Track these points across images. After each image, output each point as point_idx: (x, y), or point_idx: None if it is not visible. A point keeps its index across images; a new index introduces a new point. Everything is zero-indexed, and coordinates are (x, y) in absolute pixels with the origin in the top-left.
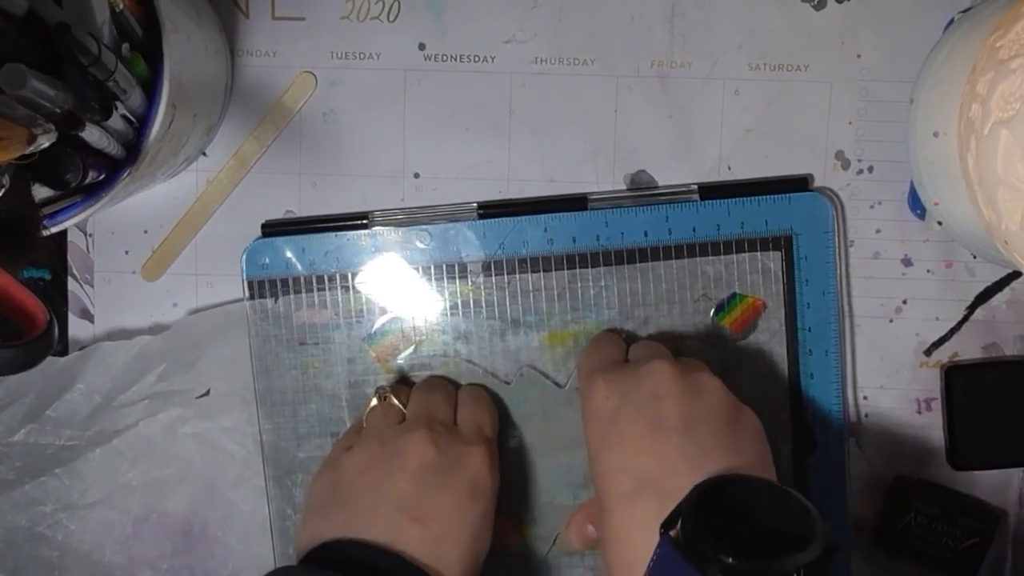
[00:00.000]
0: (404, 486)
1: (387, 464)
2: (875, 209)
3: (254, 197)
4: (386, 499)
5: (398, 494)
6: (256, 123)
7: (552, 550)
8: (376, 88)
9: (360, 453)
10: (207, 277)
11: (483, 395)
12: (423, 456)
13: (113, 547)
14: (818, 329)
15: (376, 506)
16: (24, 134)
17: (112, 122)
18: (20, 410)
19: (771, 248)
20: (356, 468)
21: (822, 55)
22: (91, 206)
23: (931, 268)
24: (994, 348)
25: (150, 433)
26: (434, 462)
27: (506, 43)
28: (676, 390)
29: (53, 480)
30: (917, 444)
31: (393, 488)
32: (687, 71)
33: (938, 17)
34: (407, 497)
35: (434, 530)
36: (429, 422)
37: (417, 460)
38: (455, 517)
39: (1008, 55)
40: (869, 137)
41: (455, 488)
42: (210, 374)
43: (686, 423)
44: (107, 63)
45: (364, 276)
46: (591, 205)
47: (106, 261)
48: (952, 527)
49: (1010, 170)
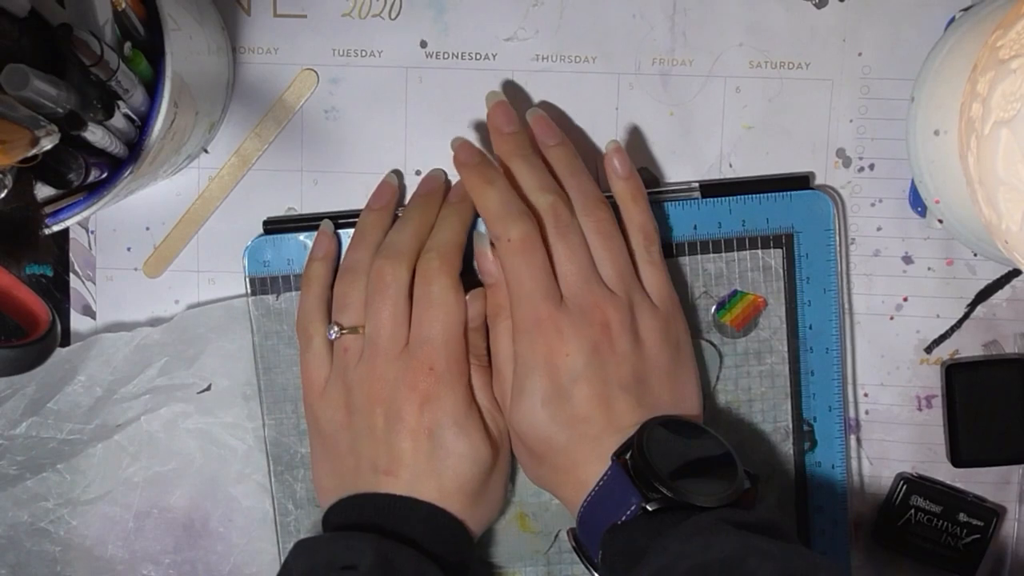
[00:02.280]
0: (371, 445)
1: (353, 424)
2: (876, 207)
3: (256, 194)
4: (362, 459)
5: (369, 453)
6: (258, 120)
7: (552, 548)
8: (378, 85)
9: (329, 407)
10: (209, 274)
11: (432, 294)
12: (379, 406)
13: (115, 542)
14: (819, 326)
15: (357, 467)
16: (27, 137)
17: (114, 121)
18: (22, 402)
19: (772, 246)
20: (332, 425)
21: (823, 53)
22: (93, 204)
23: (932, 266)
24: (994, 346)
25: (151, 428)
26: (388, 409)
27: (507, 41)
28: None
29: (55, 475)
30: (917, 441)
31: (363, 448)
32: (688, 68)
33: (939, 15)
34: (376, 454)
35: (405, 476)
36: (376, 358)
37: (376, 413)
38: (419, 459)
39: (1008, 55)
40: (870, 135)
41: (411, 429)
42: (211, 369)
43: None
44: (109, 63)
45: None
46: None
47: (108, 258)
48: (952, 524)
49: (1010, 170)
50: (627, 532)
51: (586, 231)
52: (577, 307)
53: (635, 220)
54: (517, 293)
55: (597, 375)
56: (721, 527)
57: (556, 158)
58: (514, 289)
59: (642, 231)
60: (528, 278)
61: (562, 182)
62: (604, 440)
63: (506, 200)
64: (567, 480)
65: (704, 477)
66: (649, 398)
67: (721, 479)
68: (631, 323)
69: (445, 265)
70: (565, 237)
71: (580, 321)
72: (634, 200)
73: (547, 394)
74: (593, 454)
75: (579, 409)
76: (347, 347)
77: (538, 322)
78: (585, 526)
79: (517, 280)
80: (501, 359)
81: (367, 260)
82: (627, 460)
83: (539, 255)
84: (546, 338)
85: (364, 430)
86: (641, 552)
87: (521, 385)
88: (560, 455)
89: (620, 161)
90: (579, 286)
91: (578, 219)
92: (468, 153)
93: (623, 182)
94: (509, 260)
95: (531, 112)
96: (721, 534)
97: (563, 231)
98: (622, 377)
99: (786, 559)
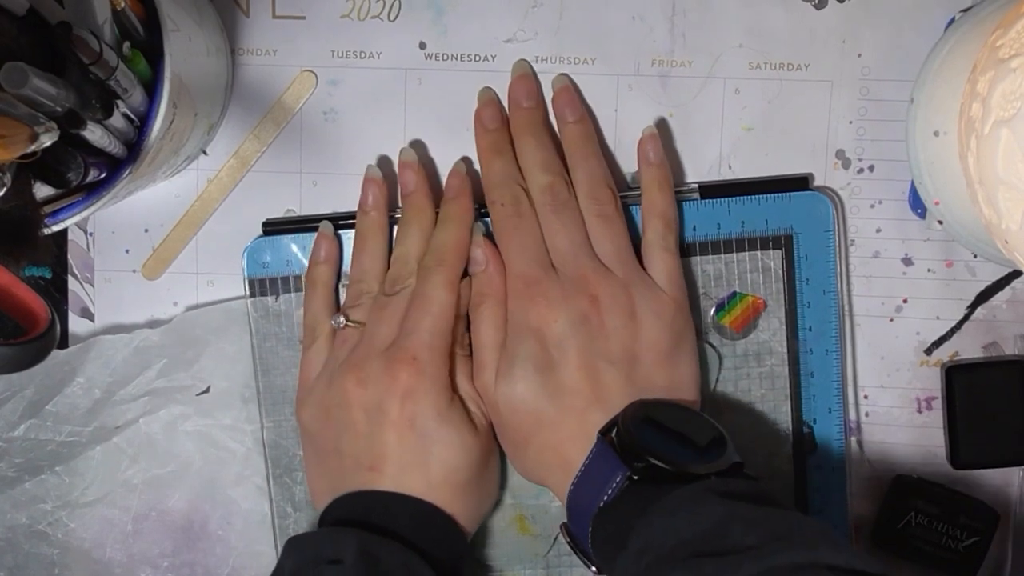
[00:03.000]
0: (353, 442)
1: (336, 421)
2: (875, 208)
3: (255, 196)
4: (346, 457)
5: (352, 451)
6: (257, 122)
7: (552, 550)
8: (377, 87)
9: (312, 404)
10: (208, 276)
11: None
12: (358, 401)
13: (113, 545)
14: (818, 328)
15: (342, 465)
16: (26, 133)
17: (113, 121)
18: (20, 404)
19: (771, 247)
20: (315, 423)
21: (823, 54)
22: (92, 205)
23: (931, 267)
24: (994, 347)
25: (150, 430)
26: (368, 403)
27: (507, 42)
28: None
29: (53, 478)
30: (917, 443)
31: (346, 446)
32: (688, 70)
33: (939, 16)
34: (359, 451)
35: (390, 472)
36: (364, 352)
37: (356, 408)
38: (403, 453)
39: (1008, 54)
40: (870, 136)
41: (393, 421)
42: (210, 371)
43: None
44: (108, 61)
45: None
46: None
47: (106, 260)
48: (952, 526)
49: (1010, 169)
50: (614, 512)
51: (586, 213)
52: (567, 277)
53: (657, 207)
54: (508, 258)
55: (585, 346)
56: (706, 497)
57: (571, 136)
58: (506, 255)
59: (662, 218)
60: (518, 243)
61: (571, 162)
62: (590, 415)
63: (509, 172)
64: (554, 462)
65: (693, 451)
66: (640, 378)
67: (709, 453)
68: (626, 301)
69: (442, 265)
70: (558, 213)
71: (570, 290)
72: (660, 188)
73: (537, 361)
74: (580, 430)
75: (565, 379)
76: (345, 339)
77: (528, 285)
78: (574, 513)
79: (508, 245)
80: (481, 345)
81: (377, 269)
82: (613, 437)
83: (531, 222)
84: (535, 304)
85: (346, 426)
86: (627, 532)
87: (513, 352)
88: (546, 431)
89: (653, 148)
90: (570, 258)
91: (580, 202)
92: (490, 116)
93: (653, 168)
94: (501, 225)
95: (557, 80)
96: (707, 504)
97: (558, 208)
98: (610, 351)
99: (771, 523)
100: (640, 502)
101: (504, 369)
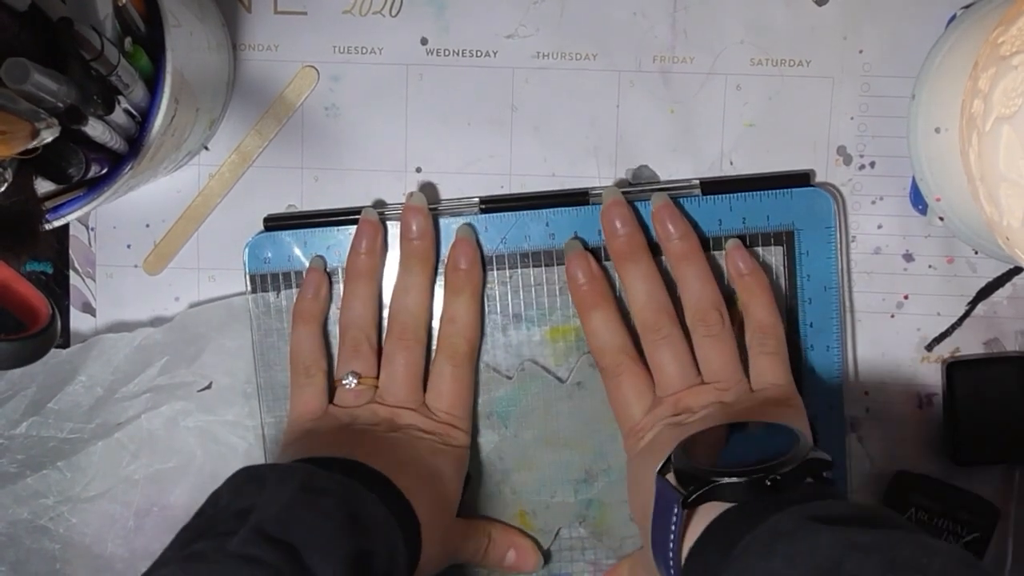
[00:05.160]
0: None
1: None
2: (877, 204)
3: (256, 191)
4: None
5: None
6: (258, 117)
7: (553, 545)
8: (378, 83)
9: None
10: (209, 271)
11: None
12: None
13: (115, 540)
14: (819, 324)
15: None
16: (27, 128)
17: (115, 116)
18: (22, 403)
19: (772, 243)
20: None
21: (824, 50)
22: (93, 200)
23: (932, 264)
24: (995, 344)
25: (152, 426)
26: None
27: (508, 38)
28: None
29: (55, 473)
30: (918, 439)
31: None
32: (689, 66)
33: (940, 13)
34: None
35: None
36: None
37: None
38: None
39: (1010, 51)
40: (871, 132)
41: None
42: (212, 367)
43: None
44: (110, 57)
45: None
46: (593, 200)
47: (108, 255)
48: (952, 522)
49: (1012, 166)
50: (699, 553)
51: (694, 336)
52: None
53: (754, 316)
54: (615, 412)
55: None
56: (806, 527)
57: (675, 253)
58: (613, 407)
59: (760, 327)
60: (622, 401)
61: (678, 279)
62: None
63: (609, 330)
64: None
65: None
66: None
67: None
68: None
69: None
70: (666, 345)
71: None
72: (754, 295)
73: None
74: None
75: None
76: (358, 392)
77: (631, 433)
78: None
79: (614, 400)
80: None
81: (369, 315)
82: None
83: (630, 379)
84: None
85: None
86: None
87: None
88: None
89: (743, 259)
90: (678, 384)
91: (688, 323)
92: (582, 269)
93: (745, 278)
94: (607, 383)
95: (657, 197)
96: (807, 537)
97: (661, 342)
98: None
99: (892, 548)
100: (729, 534)
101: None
